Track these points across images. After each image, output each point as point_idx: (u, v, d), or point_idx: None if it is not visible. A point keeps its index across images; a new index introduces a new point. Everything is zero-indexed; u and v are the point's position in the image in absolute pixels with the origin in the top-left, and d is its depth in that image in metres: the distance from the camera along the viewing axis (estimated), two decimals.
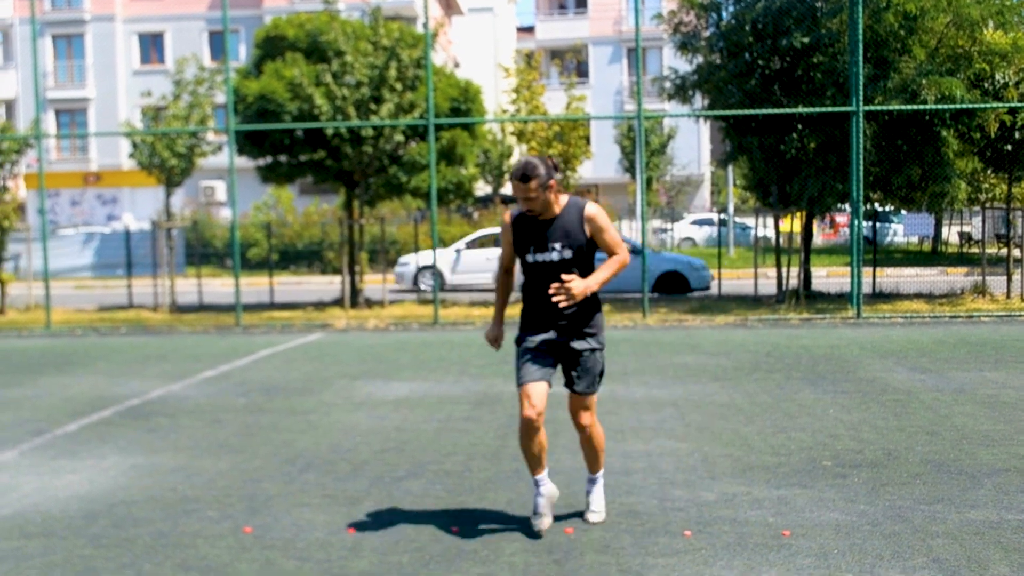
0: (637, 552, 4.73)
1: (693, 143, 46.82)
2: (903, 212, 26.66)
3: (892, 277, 19.76)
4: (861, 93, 14.80)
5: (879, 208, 20.82)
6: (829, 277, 23.82)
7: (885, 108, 14.96)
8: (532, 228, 4.93)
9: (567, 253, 4.86)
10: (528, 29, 56.94)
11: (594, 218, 4.89)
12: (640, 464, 6.37)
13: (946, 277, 20.62)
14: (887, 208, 22.55)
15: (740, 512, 5.29)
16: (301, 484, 6.11)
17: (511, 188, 4.83)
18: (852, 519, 5.13)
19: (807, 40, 15.64)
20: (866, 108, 14.93)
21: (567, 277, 4.75)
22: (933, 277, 20.43)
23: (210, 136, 19.96)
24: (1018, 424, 7.31)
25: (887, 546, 4.71)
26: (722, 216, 33.37)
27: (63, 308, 19.15)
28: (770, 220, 21.04)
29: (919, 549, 4.66)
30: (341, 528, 5.20)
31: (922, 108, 14.79)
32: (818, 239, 34.55)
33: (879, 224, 26.35)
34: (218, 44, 43.06)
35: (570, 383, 5.07)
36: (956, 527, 4.97)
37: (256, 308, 18.76)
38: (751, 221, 36.38)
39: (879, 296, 17.76)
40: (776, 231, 18.32)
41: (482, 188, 42.41)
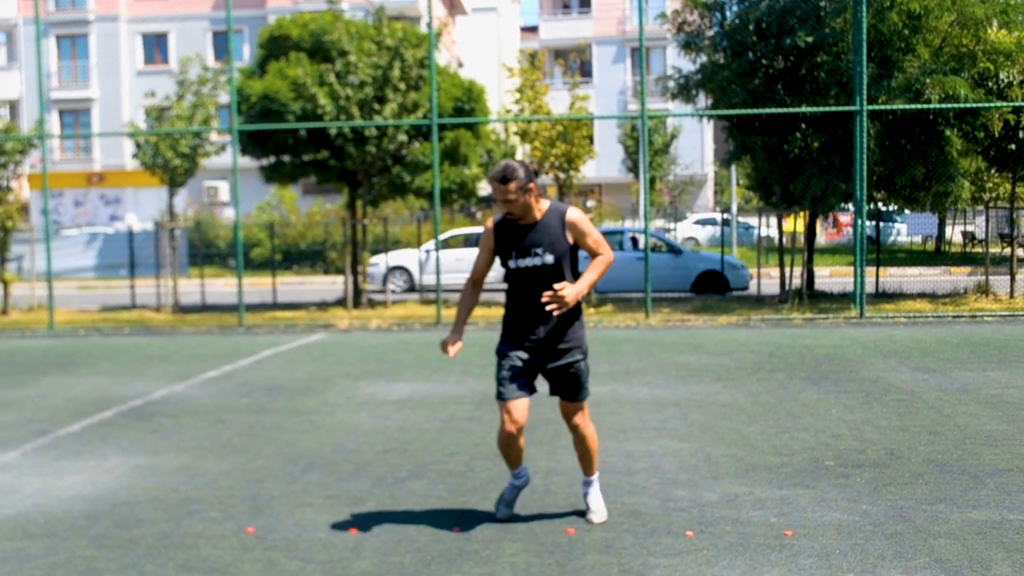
0: (639, 552, 4.72)
1: (696, 143, 46.79)
2: (907, 212, 26.62)
3: (895, 277, 19.73)
4: (865, 92, 14.78)
5: (882, 208, 20.78)
6: (832, 277, 23.81)
7: (889, 107, 14.94)
8: (514, 233, 4.90)
9: (549, 258, 4.84)
10: (532, 29, 56.94)
11: (576, 223, 4.88)
12: (642, 464, 6.37)
13: (950, 277, 20.61)
14: (891, 208, 22.50)
15: (742, 512, 5.29)
16: (304, 484, 6.11)
17: (491, 190, 4.82)
18: (854, 519, 5.13)
19: (811, 39, 15.63)
20: (870, 107, 14.91)
21: (559, 285, 4.74)
22: (936, 277, 20.41)
23: (213, 136, 19.97)
24: (1021, 424, 7.30)
25: (889, 546, 4.71)
26: (725, 216, 33.31)
27: (66, 308, 19.18)
28: (773, 220, 21.02)
29: (921, 549, 4.65)
30: (343, 528, 5.20)
31: (926, 107, 14.77)
32: (821, 239, 34.50)
33: (882, 224, 26.30)
34: (222, 44, 43.11)
35: (560, 394, 5.05)
36: (958, 527, 4.96)
37: (259, 308, 18.77)
38: (754, 221, 36.33)
39: (882, 296, 17.74)
40: (779, 231, 18.31)
41: (485, 188, 42.41)
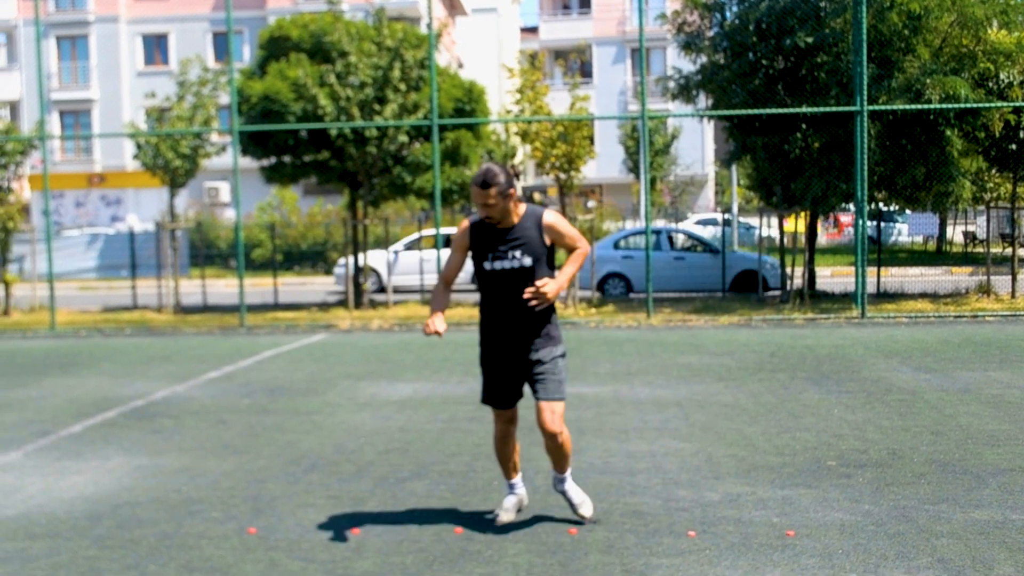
0: (641, 552, 4.72)
1: (697, 143, 46.79)
2: (907, 212, 26.63)
3: (896, 277, 19.73)
4: (865, 93, 14.78)
5: (883, 208, 20.78)
6: (833, 277, 23.79)
7: (889, 108, 14.94)
8: (490, 236, 4.90)
9: (527, 261, 4.85)
10: (532, 29, 56.93)
11: (553, 226, 4.91)
12: (644, 464, 6.37)
13: (951, 277, 20.60)
14: (891, 208, 22.50)
15: (744, 512, 5.29)
16: (305, 485, 6.11)
17: (471, 194, 4.82)
18: (856, 519, 5.12)
19: (811, 40, 15.63)
20: (870, 108, 14.91)
21: (540, 282, 4.78)
22: (938, 277, 20.40)
23: (214, 137, 19.97)
24: (1023, 424, 7.29)
25: (891, 546, 4.70)
26: (726, 216, 33.31)
27: (67, 309, 19.19)
28: (774, 220, 21.01)
29: (923, 549, 4.65)
30: (345, 529, 5.20)
31: (926, 108, 14.77)
32: (822, 239, 34.49)
33: (883, 224, 26.28)
34: (222, 45, 43.12)
35: (536, 391, 5.00)
36: (961, 527, 4.96)
37: (260, 309, 18.77)
38: (755, 221, 36.32)
39: (883, 296, 17.73)
40: (780, 231, 18.31)
41: None
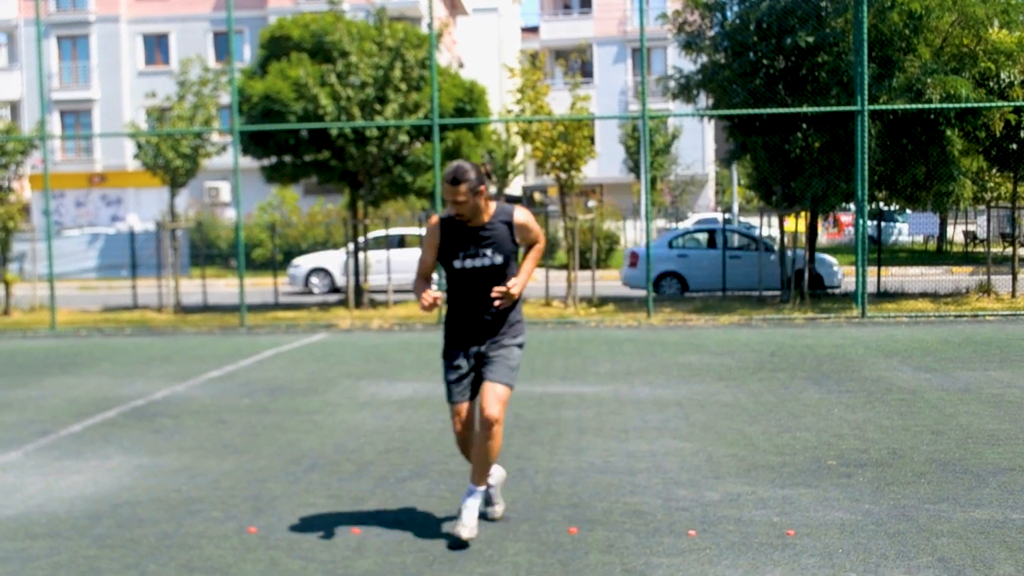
0: (641, 552, 4.72)
1: (697, 143, 46.78)
2: (908, 211, 26.63)
3: (897, 276, 19.73)
4: (866, 92, 14.77)
5: (884, 207, 20.77)
6: None
7: (890, 107, 14.94)
8: (460, 234, 4.91)
9: (498, 259, 4.88)
10: (532, 29, 56.92)
11: (523, 224, 4.97)
12: (644, 464, 6.37)
13: (951, 276, 20.60)
14: (892, 207, 22.49)
15: (745, 512, 5.29)
16: (306, 484, 6.11)
17: (441, 191, 4.84)
18: (857, 518, 5.12)
19: (812, 39, 15.62)
20: (871, 107, 14.90)
21: (510, 283, 4.86)
22: (938, 276, 20.41)
23: (214, 137, 19.98)
24: (1023, 423, 7.29)
25: (892, 545, 4.70)
26: (726, 216, 33.26)
27: (68, 309, 19.19)
28: (774, 219, 21.01)
29: (924, 548, 4.65)
30: (345, 528, 5.20)
31: (927, 107, 14.76)
32: (822, 238, 34.47)
33: (884, 223, 26.28)
34: (223, 45, 43.12)
35: (483, 373, 4.95)
36: (961, 526, 4.96)
37: (260, 308, 18.78)
38: (755, 221, 36.32)
39: (884, 295, 17.74)
40: (780, 231, 18.30)
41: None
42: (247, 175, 23.40)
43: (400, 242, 23.83)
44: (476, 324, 4.95)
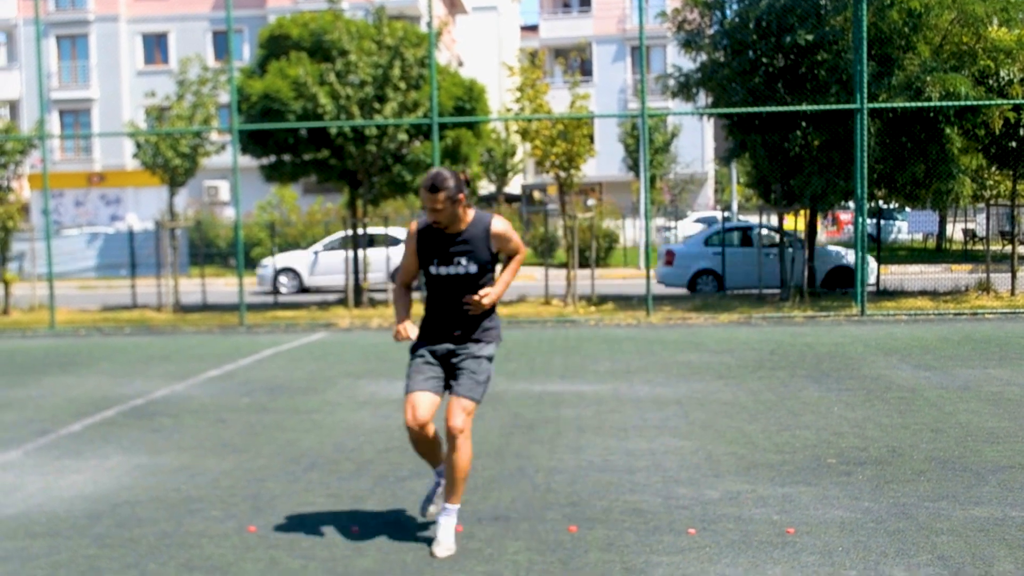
0: (641, 550, 4.72)
1: (697, 141, 46.77)
2: (907, 209, 26.61)
3: (896, 274, 19.74)
4: (865, 90, 14.77)
5: (883, 205, 20.77)
6: None
7: (889, 105, 14.94)
8: (438, 241, 4.89)
9: (472, 268, 4.85)
10: (532, 28, 56.91)
11: (501, 235, 4.90)
12: (644, 462, 6.37)
13: (950, 274, 20.60)
14: (891, 205, 22.50)
15: (744, 510, 5.29)
16: (305, 483, 6.11)
17: (420, 197, 4.82)
18: (857, 516, 5.12)
19: (811, 37, 15.62)
20: (870, 105, 14.90)
21: (482, 293, 4.80)
22: (937, 274, 20.41)
23: (214, 136, 19.97)
24: (1022, 421, 7.29)
25: (891, 543, 4.70)
26: (726, 214, 33.23)
27: (67, 308, 19.18)
28: (774, 218, 21.01)
29: (924, 546, 4.65)
30: (345, 527, 5.20)
31: (926, 105, 14.77)
32: (822, 236, 34.49)
33: (883, 221, 26.28)
34: (222, 44, 43.10)
35: (451, 386, 4.92)
36: (961, 524, 4.96)
37: (260, 308, 18.78)
38: (755, 219, 36.31)
39: (883, 293, 17.74)
40: (780, 229, 18.28)
41: (486, 187, 42.46)
42: (246, 174, 23.39)
43: (370, 242, 23.79)
44: (448, 328, 4.92)
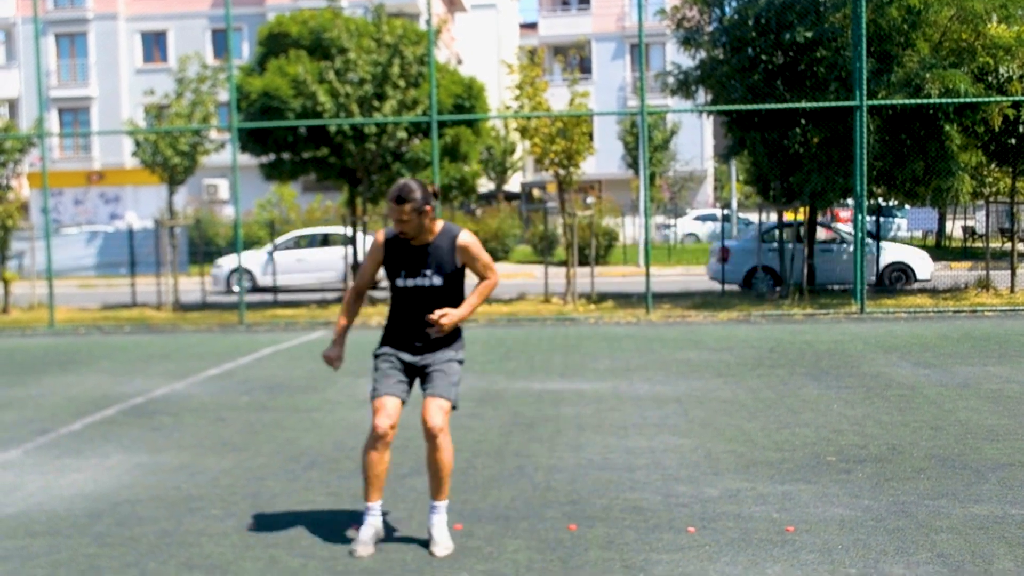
0: (641, 548, 4.72)
1: (696, 138, 46.78)
2: (907, 206, 26.61)
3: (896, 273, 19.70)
4: (864, 87, 14.77)
5: (882, 202, 20.76)
6: None
7: (889, 102, 14.93)
8: (404, 252, 4.88)
9: (437, 280, 4.83)
10: (531, 25, 56.89)
11: (467, 248, 4.87)
12: (644, 460, 6.37)
13: (950, 272, 20.59)
14: (890, 202, 22.49)
15: (744, 508, 5.29)
16: (305, 482, 6.11)
17: (386, 208, 4.79)
18: (856, 514, 5.13)
19: (810, 35, 15.61)
20: (870, 103, 14.90)
21: (440, 312, 4.75)
22: (937, 272, 20.40)
23: (213, 134, 19.96)
24: (1022, 419, 7.30)
25: (891, 541, 4.71)
26: (725, 211, 33.29)
27: (67, 307, 19.18)
28: (773, 215, 21.00)
29: (923, 544, 4.65)
30: (345, 525, 5.20)
31: (926, 102, 14.76)
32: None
33: (883, 219, 26.26)
34: (221, 42, 43.08)
35: (424, 387, 4.89)
36: (960, 522, 4.96)
37: (259, 306, 18.77)
38: (754, 216, 36.31)
39: (883, 291, 17.73)
40: (779, 227, 18.29)
41: (485, 185, 42.46)
42: (245, 172, 23.39)
43: (324, 240, 23.80)
44: (412, 339, 4.90)
